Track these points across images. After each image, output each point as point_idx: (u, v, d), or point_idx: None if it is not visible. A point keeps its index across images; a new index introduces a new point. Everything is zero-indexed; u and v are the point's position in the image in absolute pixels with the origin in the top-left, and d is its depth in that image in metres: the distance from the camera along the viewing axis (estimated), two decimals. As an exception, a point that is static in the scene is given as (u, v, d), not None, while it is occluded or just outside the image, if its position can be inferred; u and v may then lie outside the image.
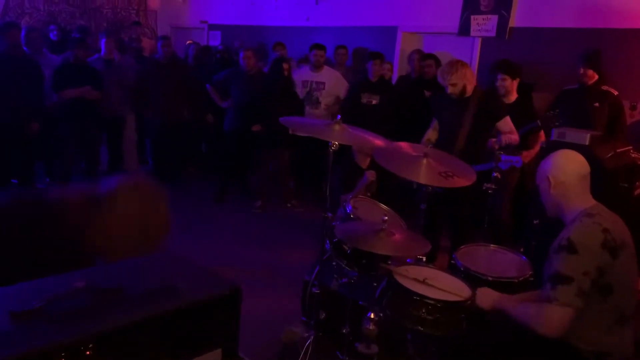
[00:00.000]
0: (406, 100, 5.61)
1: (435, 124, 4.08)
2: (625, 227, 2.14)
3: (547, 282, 2.03)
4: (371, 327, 2.37)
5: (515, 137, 3.82)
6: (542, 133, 4.47)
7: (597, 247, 1.97)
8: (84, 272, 1.52)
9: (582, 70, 4.42)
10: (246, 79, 5.77)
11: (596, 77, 4.44)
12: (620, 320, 2.05)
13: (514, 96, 4.50)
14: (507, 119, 3.84)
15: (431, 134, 4.09)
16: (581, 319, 2.00)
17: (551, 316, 1.98)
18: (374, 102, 5.50)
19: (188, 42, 7.49)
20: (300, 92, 5.85)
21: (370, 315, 2.39)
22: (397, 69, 6.42)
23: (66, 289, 1.33)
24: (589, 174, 2.18)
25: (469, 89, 3.79)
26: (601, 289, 1.99)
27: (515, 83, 4.52)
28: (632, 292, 2.09)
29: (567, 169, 2.15)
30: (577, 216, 2.10)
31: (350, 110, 5.51)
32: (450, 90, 3.78)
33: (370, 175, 3.87)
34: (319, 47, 5.95)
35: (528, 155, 4.32)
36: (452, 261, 2.77)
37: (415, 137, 4.26)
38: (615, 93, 4.43)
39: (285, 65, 5.49)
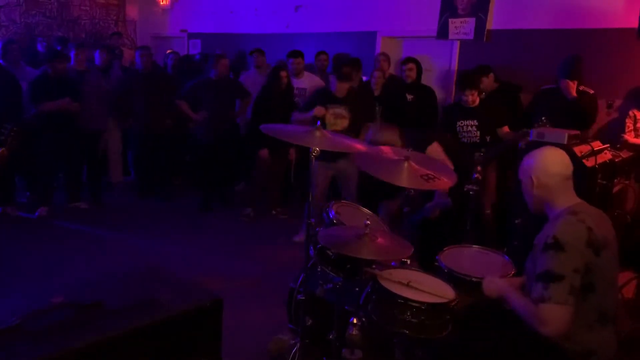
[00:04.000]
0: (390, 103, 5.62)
1: None
2: (609, 224, 2.15)
3: (537, 281, 2.02)
4: (354, 332, 2.37)
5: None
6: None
7: (583, 245, 1.98)
8: (64, 288, 1.49)
9: (568, 83, 4.42)
10: (216, 87, 5.76)
11: (576, 83, 4.49)
12: (602, 319, 2.06)
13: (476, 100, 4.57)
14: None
15: None
16: None
17: (550, 315, 1.97)
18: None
19: (168, 51, 7.46)
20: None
21: (353, 320, 2.39)
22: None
23: (43, 305, 1.32)
24: (572, 173, 2.19)
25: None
26: (583, 287, 2.00)
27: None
28: (613, 291, 2.12)
29: (551, 170, 2.15)
30: (560, 213, 2.11)
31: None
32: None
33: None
34: (296, 54, 5.95)
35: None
36: (436, 263, 2.79)
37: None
38: (591, 92, 4.50)
39: (283, 73, 5.49)
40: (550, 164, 2.16)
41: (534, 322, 2.02)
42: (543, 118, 3.90)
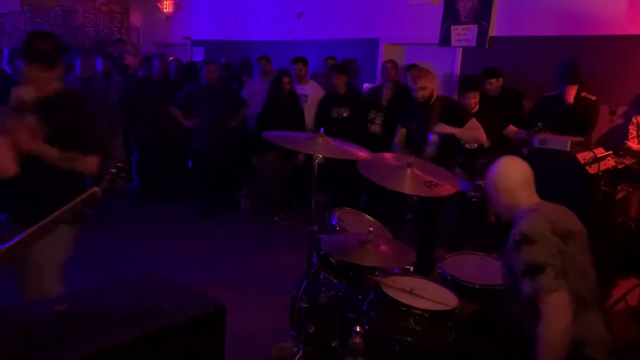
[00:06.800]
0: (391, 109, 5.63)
1: (401, 132, 4.20)
2: (572, 217, 2.22)
3: (523, 278, 2.04)
4: (357, 340, 2.36)
5: (482, 138, 4.02)
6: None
7: (549, 233, 2.06)
8: (67, 295, 1.50)
9: (569, 89, 4.44)
10: (209, 94, 5.78)
11: (577, 87, 4.50)
12: (583, 306, 2.08)
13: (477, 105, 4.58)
14: (473, 120, 3.98)
15: (400, 139, 4.20)
16: None
17: (553, 306, 1.97)
18: (344, 114, 5.50)
19: (170, 58, 7.50)
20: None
21: (356, 328, 2.38)
22: (380, 81, 6.45)
23: (48, 312, 1.32)
24: (532, 175, 2.31)
25: (435, 94, 3.96)
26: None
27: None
28: (586, 278, 2.13)
29: (512, 175, 2.28)
30: (522, 214, 2.20)
31: (323, 125, 5.50)
32: (420, 94, 3.93)
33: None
34: (297, 61, 5.97)
35: None
36: (439, 270, 2.78)
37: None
38: (593, 98, 4.50)
39: (285, 79, 5.51)
40: (509, 170, 2.30)
41: (550, 337, 1.97)
42: (539, 124, 3.93)
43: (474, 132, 3.96)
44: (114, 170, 1.88)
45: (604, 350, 2.10)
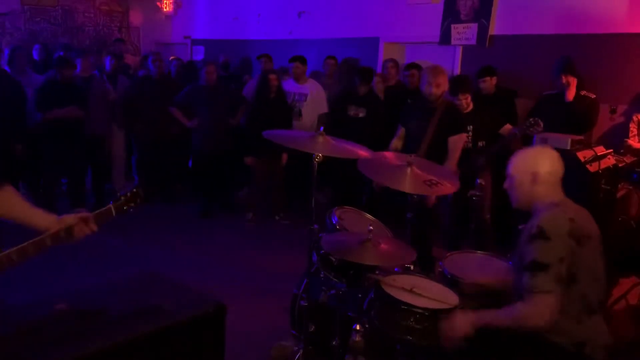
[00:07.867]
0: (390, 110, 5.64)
1: (400, 132, 4.16)
2: (591, 219, 2.20)
3: (524, 271, 2.05)
4: (357, 339, 2.36)
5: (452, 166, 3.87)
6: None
7: (565, 234, 2.04)
8: (67, 294, 1.50)
9: (564, 79, 4.46)
10: (209, 94, 5.78)
11: (576, 81, 4.51)
12: (588, 309, 2.09)
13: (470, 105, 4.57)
14: (462, 136, 3.93)
15: (397, 143, 4.15)
16: None
17: (538, 305, 2.00)
18: (360, 114, 5.47)
19: (171, 57, 7.51)
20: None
21: (357, 327, 2.38)
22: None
23: (48, 312, 1.32)
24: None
25: (442, 95, 3.93)
26: (567, 277, 2.03)
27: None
28: (597, 284, 2.13)
29: (554, 167, 2.23)
30: (545, 207, 2.17)
31: (335, 122, 5.50)
32: (433, 90, 3.87)
33: None
34: (296, 60, 5.96)
35: None
36: (440, 269, 2.78)
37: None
38: (593, 96, 4.50)
39: (272, 76, 5.49)
40: (553, 160, 2.25)
41: (524, 319, 2.03)
42: (531, 119, 3.92)
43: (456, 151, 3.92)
44: (129, 194, 1.88)
45: (604, 352, 2.10)
